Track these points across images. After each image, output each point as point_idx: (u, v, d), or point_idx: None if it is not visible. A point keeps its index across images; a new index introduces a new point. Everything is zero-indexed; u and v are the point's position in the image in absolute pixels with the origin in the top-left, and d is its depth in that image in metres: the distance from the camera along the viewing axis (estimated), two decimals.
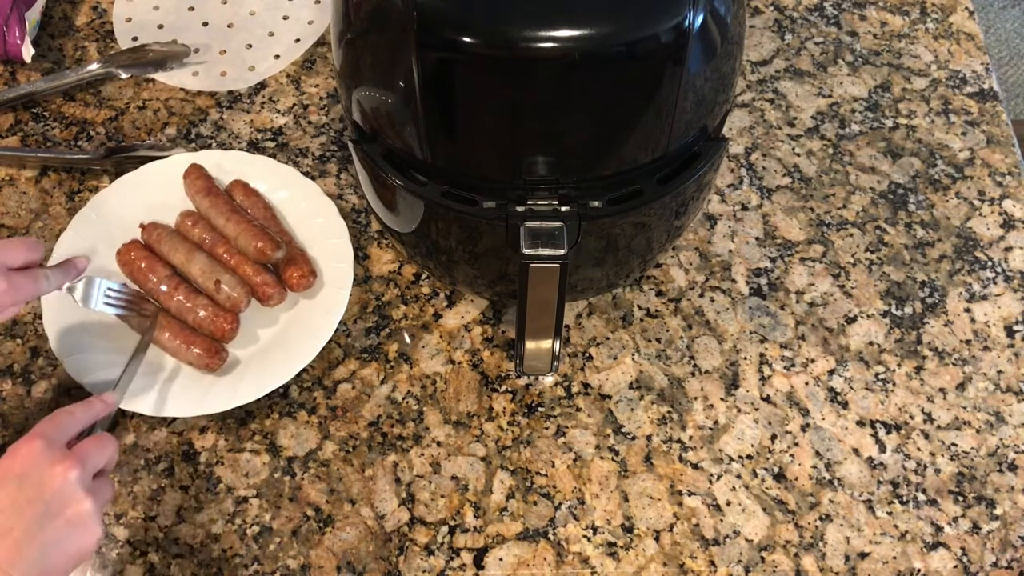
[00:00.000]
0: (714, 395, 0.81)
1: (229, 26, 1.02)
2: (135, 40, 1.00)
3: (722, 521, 0.76)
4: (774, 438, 0.80)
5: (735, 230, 0.90)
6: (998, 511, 0.77)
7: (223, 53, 1.00)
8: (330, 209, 0.86)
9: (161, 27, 1.02)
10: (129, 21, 1.02)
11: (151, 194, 0.86)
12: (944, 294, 0.87)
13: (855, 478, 0.78)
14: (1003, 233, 0.91)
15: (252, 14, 1.03)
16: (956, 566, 0.75)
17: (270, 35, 1.01)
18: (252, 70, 0.99)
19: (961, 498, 0.77)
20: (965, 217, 0.91)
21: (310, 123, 0.95)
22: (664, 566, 0.74)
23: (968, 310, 0.86)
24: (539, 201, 0.66)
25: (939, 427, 0.80)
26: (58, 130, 0.94)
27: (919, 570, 0.74)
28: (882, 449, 0.79)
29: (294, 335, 0.80)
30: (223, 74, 0.98)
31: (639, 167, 0.67)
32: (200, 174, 0.85)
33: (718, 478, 0.78)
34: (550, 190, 0.66)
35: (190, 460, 0.78)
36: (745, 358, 0.83)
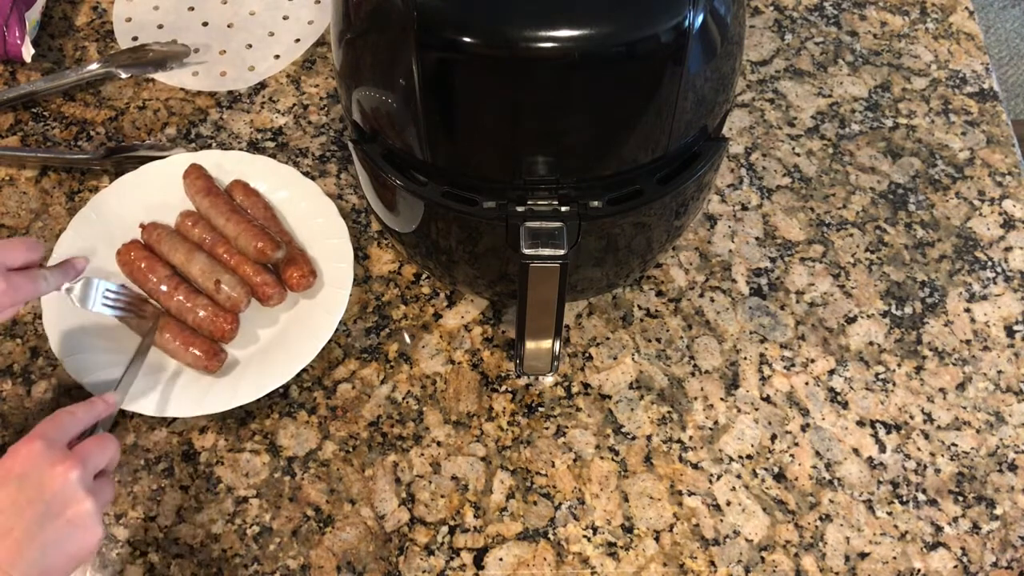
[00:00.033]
0: (714, 395, 0.81)
1: (229, 26, 1.02)
2: (135, 40, 1.00)
3: (722, 521, 0.76)
4: (774, 438, 0.80)
5: (735, 230, 0.90)
6: (998, 511, 0.77)
7: (223, 53, 1.00)
8: (330, 209, 0.86)
9: (161, 27, 1.02)
10: (129, 21, 1.02)
11: (151, 194, 0.86)
12: (944, 294, 0.87)
13: (855, 478, 0.78)
14: (1003, 233, 0.91)
15: (252, 14, 1.03)
16: (956, 566, 0.75)
17: (270, 35, 1.01)
18: (252, 70, 0.99)
19: (961, 498, 0.77)
20: (965, 217, 0.91)
21: (310, 123, 0.95)
22: (664, 566, 0.74)
23: (968, 310, 0.86)
24: (539, 201, 0.66)
25: (939, 427, 0.80)
26: (58, 130, 0.94)
27: (919, 570, 0.74)
28: (882, 449, 0.79)
29: (294, 335, 0.80)
30: (223, 74, 0.98)
31: (639, 167, 0.67)
32: (200, 174, 0.85)
33: (718, 478, 0.78)
34: (550, 190, 0.66)
35: (190, 460, 0.78)
36: (745, 358, 0.83)
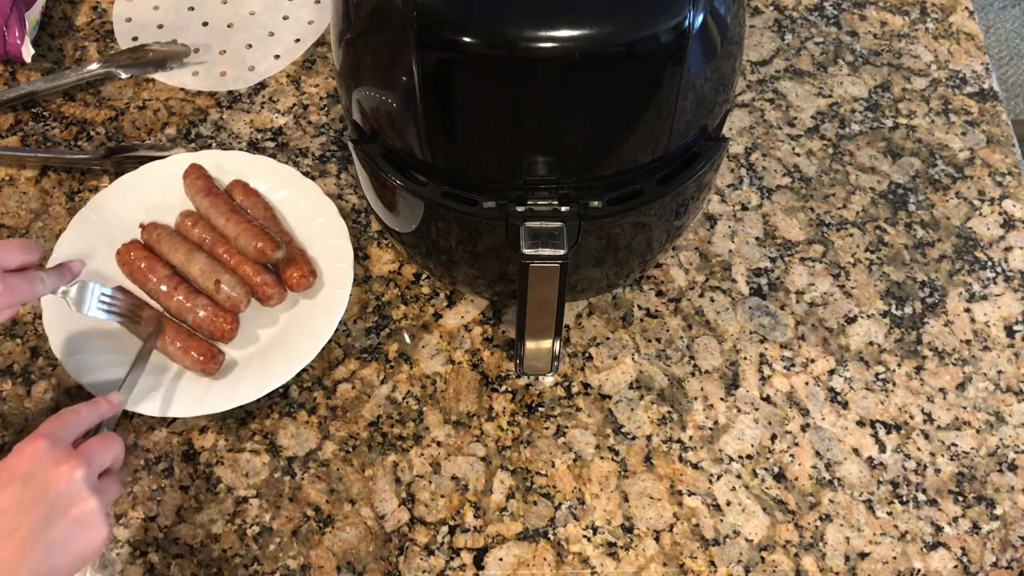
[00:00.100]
0: (714, 395, 0.81)
1: (229, 26, 1.02)
2: (135, 40, 1.00)
3: (722, 521, 0.76)
4: (774, 438, 0.80)
5: (735, 230, 0.90)
6: (998, 511, 0.77)
7: (223, 53, 1.00)
8: (330, 209, 0.86)
9: (161, 27, 1.02)
10: (129, 21, 1.02)
11: (151, 194, 0.86)
12: (944, 294, 0.87)
13: (855, 478, 0.78)
14: (1003, 233, 0.91)
15: (252, 14, 1.03)
16: (956, 566, 0.75)
17: (270, 35, 1.01)
18: (252, 70, 0.99)
19: (961, 498, 0.77)
20: (965, 217, 0.91)
21: (310, 123, 0.95)
22: (664, 566, 0.74)
23: (968, 310, 0.86)
24: (539, 201, 0.66)
25: (939, 427, 0.80)
26: (58, 130, 0.94)
27: (919, 570, 0.74)
28: (882, 449, 0.79)
29: (294, 335, 0.80)
30: (223, 74, 0.98)
31: (639, 167, 0.67)
32: (200, 174, 0.85)
33: (718, 478, 0.78)
34: (550, 190, 0.66)
35: (190, 460, 0.78)
36: (745, 358, 0.83)
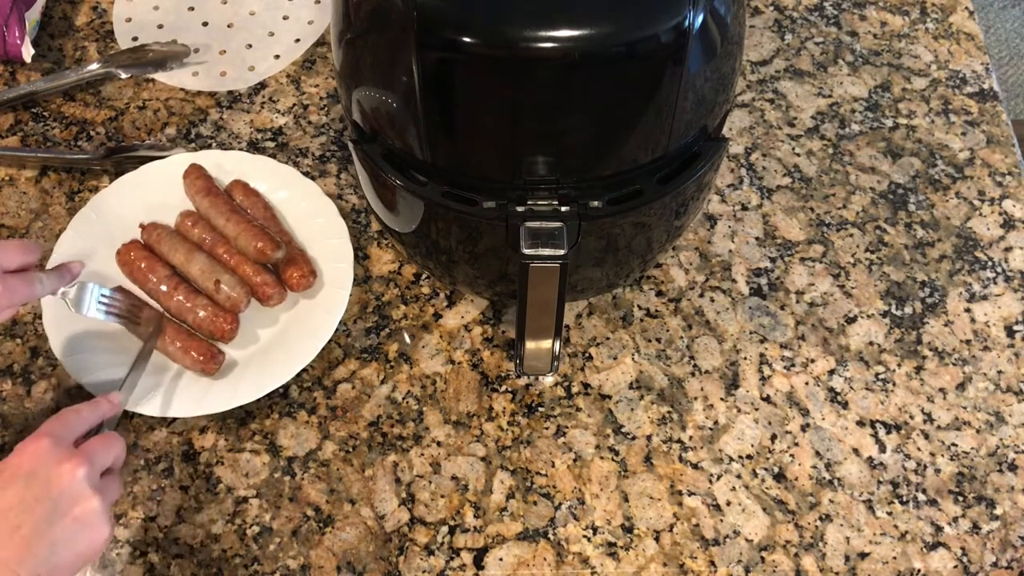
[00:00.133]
0: (714, 395, 0.81)
1: (229, 26, 1.02)
2: (135, 40, 1.00)
3: (722, 521, 0.76)
4: (774, 438, 0.80)
5: (735, 230, 0.90)
6: (998, 511, 0.77)
7: (223, 53, 1.00)
8: (330, 209, 0.86)
9: (161, 27, 1.02)
10: (129, 21, 1.02)
11: (151, 194, 0.86)
12: (944, 294, 0.87)
13: (855, 478, 0.78)
14: (1003, 233, 0.91)
15: (252, 14, 1.03)
16: (956, 566, 0.75)
17: (270, 35, 1.01)
18: (252, 70, 0.99)
19: (961, 498, 0.77)
20: (965, 217, 0.91)
21: (310, 123, 0.95)
22: (664, 566, 0.74)
23: (968, 310, 0.86)
24: (539, 201, 0.66)
25: (939, 427, 0.80)
26: (58, 130, 0.94)
27: (919, 570, 0.74)
28: (882, 449, 0.79)
29: (294, 335, 0.80)
30: (223, 74, 0.98)
31: (639, 167, 0.67)
32: (200, 174, 0.85)
33: (718, 478, 0.78)
34: (550, 190, 0.66)
35: (190, 460, 0.78)
36: (745, 358, 0.83)
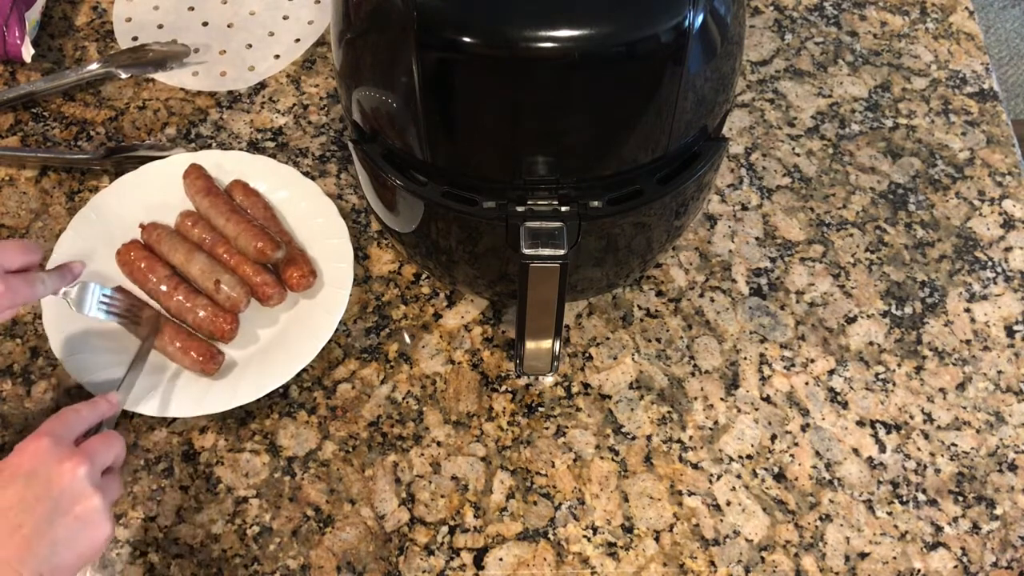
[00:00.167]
0: (714, 395, 0.81)
1: (229, 26, 1.02)
2: (135, 40, 1.00)
3: (722, 521, 0.76)
4: (774, 438, 0.80)
5: (735, 230, 0.90)
6: (998, 511, 0.77)
7: (223, 53, 1.00)
8: (330, 209, 0.86)
9: (161, 27, 1.02)
10: (129, 21, 1.02)
11: (151, 194, 0.86)
12: (944, 294, 0.87)
13: (855, 478, 0.78)
14: (1003, 233, 0.91)
15: (252, 14, 1.03)
16: (956, 566, 0.75)
17: (270, 35, 1.01)
18: (252, 70, 0.99)
19: (961, 498, 0.77)
20: (965, 217, 0.91)
21: (310, 123, 0.95)
22: (664, 566, 0.74)
23: (968, 310, 0.86)
24: (539, 201, 0.66)
25: (939, 427, 0.80)
26: (58, 130, 0.94)
27: (919, 570, 0.74)
28: (882, 449, 0.79)
29: (294, 335, 0.80)
30: (223, 74, 0.98)
31: (639, 167, 0.67)
32: (200, 174, 0.85)
33: (718, 478, 0.78)
34: (550, 190, 0.66)
35: (190, 460, 0.78)
36: (745, 358, 0.83)
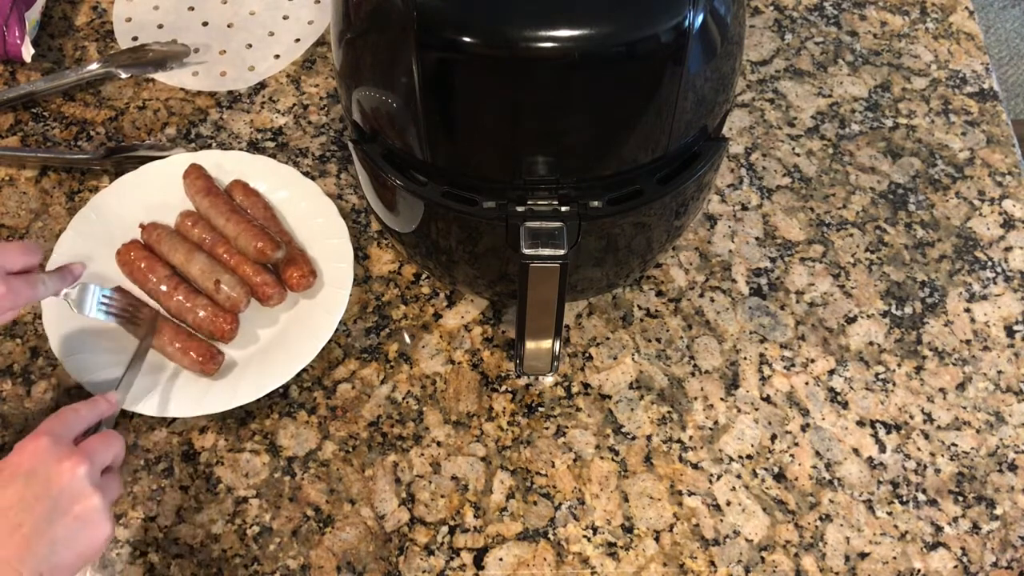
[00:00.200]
0: (714, 395, 0.81)
1: (229, 26, 1.02)
2: (135, 40, 1.00)
3: (722, 521, 0.76)
4: (774, 438, 0.80)
5: (735, 230, 0.90)
6: (998, 511, 0.77)
7: (223, 53, 1.00)
8: (330, 209, 0.86)
9: (161, 27, 1.02)
10: (129, 21, 1.02)
11: (151, 194, 0.86)
12: (944, 294, 0.87)
13: (855, 478, 0.78)
14: (1003, 233, 0.91)
15: (252, 14, 1.03)
16: (956, 566, 0.75)
17: (270, 35, 1.01)
18: (252, 70, 0.99)
19: (961, 498, 0.77)
20: (965, 217, 0.91)
21: (310, 123, 0.95)
22: (664, 566, 0.74)
23: (968, 310, 0.86)
24: (539, 201, 0.66)
25: (939, 427, 0.80)
26: (58, 130, 0.94)
27: (919, 570, 0.74)
28: (882, 449, 0.79)
29: (294, 335, 0.80)
30: (223, 74, 0.98)
31: (639, 167, 0.67)
32: (200, 174, 0.85)
33: (718, 478, 0.78)
34: (550, 190, 0.66)
35: (190, 460, 0.78)
36: (745, 358, 0.83)
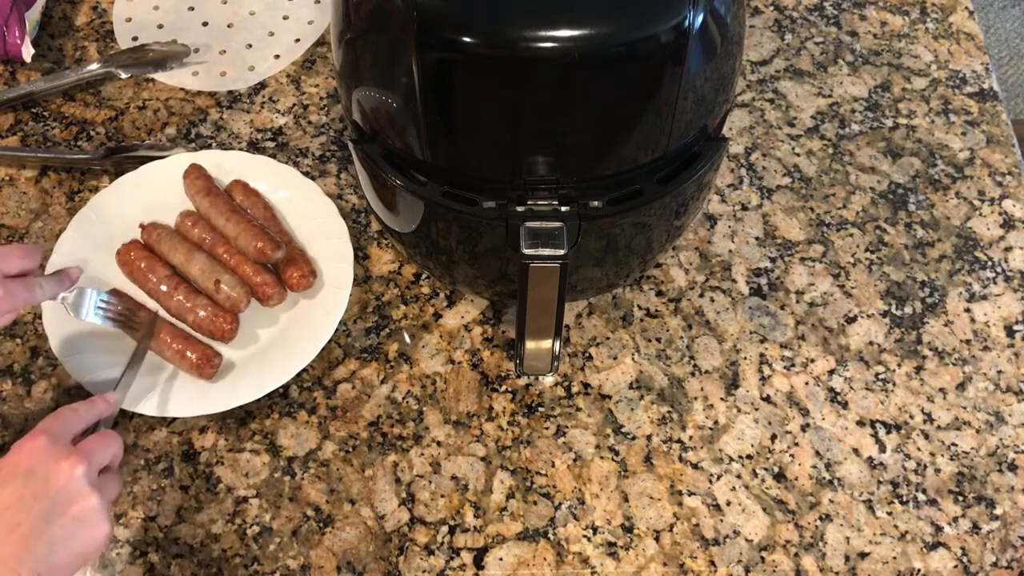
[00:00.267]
0: (714, 395, 0.81)
1: (229, 26, 1.02)
2: (135, 40, 1.00)
3: (722, 521, 0.76)
4: (774, 438, 0.80)
5: (735, 230, 0.90)
6: (998, 511, 0.77)
7: (223, 53, 1.00)
8: (330, 209, 0.86)
9: (161, 27, 1.02)
10: (129, 21, 1.02)
11: (151, 194, 0.86)
12: (944, 294, 0.87)
13: (855, 478, 0.78)
14: (1003, 233, 0.91)
15: (252, 14, 1.03)
16: (956, 566, 0.75)
17: (270, 35, 1.01)
18: (252, 70, 0.99)
19: (961, 498, 0.77)
20: (965, 217, 0.91)
21: (310, 123, 0.95)
22: (664, 566, 0.74)
23: (968, 310, 0.86)
24: (539, 201, 0.66)
25: (939, 427, 0.80)
26: (58, 130, 0.94)
27: (919, 570, 0.74)
28: (882, 449, 0.79)
29: (294, 335, 0.80)
30: (223, 74, 0.98)
31: (639, 167, 0.67)
32: (200, 174, 0.85)
33: (718, 478, 0.78)
34: (550, 190, 0.66)
35: (190, 460, 0.78)
36: (745, 358, 0.83)
